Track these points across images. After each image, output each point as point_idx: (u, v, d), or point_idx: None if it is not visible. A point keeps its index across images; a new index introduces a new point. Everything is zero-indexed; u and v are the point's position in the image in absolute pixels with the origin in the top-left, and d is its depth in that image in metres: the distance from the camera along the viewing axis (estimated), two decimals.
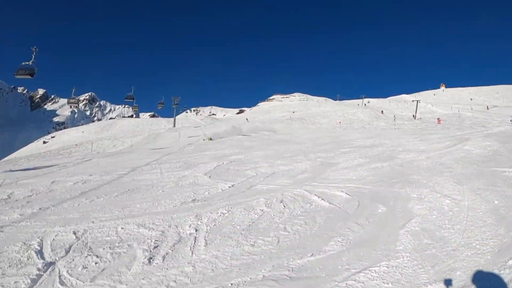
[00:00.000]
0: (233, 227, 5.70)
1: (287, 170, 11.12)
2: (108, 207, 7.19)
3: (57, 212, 6.94)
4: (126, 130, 64.19)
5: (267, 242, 5.04)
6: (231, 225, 5.80)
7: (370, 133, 30.38)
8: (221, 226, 5.79)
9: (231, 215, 6.34)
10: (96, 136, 60.51)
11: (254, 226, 5.72)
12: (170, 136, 42.87)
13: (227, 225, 5.80)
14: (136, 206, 7.16)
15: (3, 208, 7.42)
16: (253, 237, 5.23)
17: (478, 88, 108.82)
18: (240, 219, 6.09)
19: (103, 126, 74.37)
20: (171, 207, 7.03)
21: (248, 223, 5.89)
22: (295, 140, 26.77)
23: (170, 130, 52.39)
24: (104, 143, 41.06)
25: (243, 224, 5.85)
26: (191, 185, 9.27)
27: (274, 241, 5.05)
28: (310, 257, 4.47)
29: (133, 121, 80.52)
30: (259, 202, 7.11)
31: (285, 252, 4.68)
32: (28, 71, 21.03)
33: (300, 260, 4.41)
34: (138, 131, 59.15)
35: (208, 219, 6.14)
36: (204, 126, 57.04)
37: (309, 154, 15.03)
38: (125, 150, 29.08)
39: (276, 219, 6.02)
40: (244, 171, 11.37)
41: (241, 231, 5.52)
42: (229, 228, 5.66)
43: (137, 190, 8.88)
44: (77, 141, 53.29)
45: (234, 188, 8.63)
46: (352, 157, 13.08)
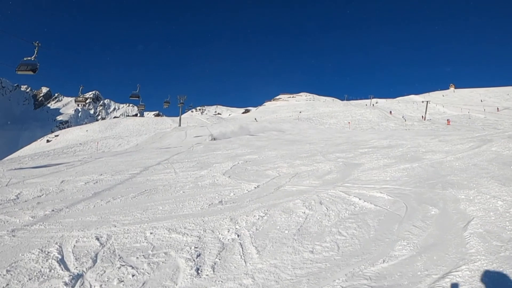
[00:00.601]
0: (280, 232, 5.27)
1: (310, 170, 10.73)
2: (127, 209, 6.72)
3: (72, 214, 6.44)
4: (131, 129, 63.87)
5: (326, 248, 4.64)
6: (277, 230, 5.36)
7: (382, 134, 30.08)
8: (265, 230, 5.35)
9: (270, 218, 5.92)
10: (101, 135, 60.21)
11: (304, 230, 5.30)
12: (176, 135, 42.42)
13: (272, 230, 5.36)
14: (159, 208, 6.69)
15: (12, 209, 6.93)
16: (308, 243, 4.81)
17: (488, 89, 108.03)
18: (284, 223, 5.67)
19: (108, 125, 74.01)
20: (199, 209, 6.58)
21: (295, 227, 5.46)
22: (306, 140, 26.50)
23: (176, 130, 51.92)
24: (109, 142, 40.62)
25: (290, 228, 5.42)
26: (212, 186, 8.88)
27: (333, 247, 4.65)
28: (383, 264, 4.10)
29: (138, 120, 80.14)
30: (296, 204, 6.72)
31: (352, 258, 4.29)
32: (30, 67, 20.06)
33: (373, 267, 4.03)
34: (143, 130, 58.85)
35: (247, 222, 5.70)
36: (210, 126, 56.49)
37: (327, 155, 14.66)
38: (132, 149, 28.70)
39: (325, 222, 5.61)
40: (264, 171, 11.01)
41: (292, 236, 5.09)
42: (276, 233, 5.22)
43: (154, 190, 8.43)
44: (81, 140, 52.99)
45: (260, 189, 8.25)
46: (375, 158, 12.69)
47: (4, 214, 6.54)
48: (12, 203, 7.49)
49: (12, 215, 6.46)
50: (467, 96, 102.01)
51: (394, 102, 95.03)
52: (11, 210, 6.86)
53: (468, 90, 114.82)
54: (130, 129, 65.56)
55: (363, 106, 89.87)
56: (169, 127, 62.74)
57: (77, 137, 61.06)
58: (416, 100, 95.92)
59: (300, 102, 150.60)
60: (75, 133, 66.68)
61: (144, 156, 18.30)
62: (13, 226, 5.71)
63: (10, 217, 6.28)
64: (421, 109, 70.86)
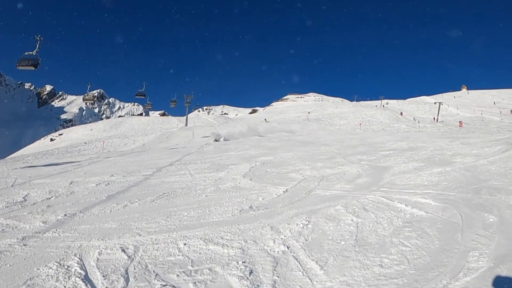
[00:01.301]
0: (335, 243, 4.73)
1: (336, 173, 10.24)
2: (148, 214, 6.18)
3: (87, 220, 5.91)
4: (136, 129, 63.68)
5: (395, 260, 4.14)
6: (330, 240, 4.82)
7: (397, 136, 29.51)
8: (317, 241, 4.81)
9: (316, 226, 5.39)
10: (105, 134, 60.04)
11: (362, 241, 4.78)
12: (183, 135, 42.08)
13: (325, 240, 4.82)
14: (183, 214, 6.16)
15: (21, 213, 6.41)
16: (373, 255, 4.29)
17: (501, 91, 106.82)
18: (334, 232, 5.14)
19: (112, 124, 73.91)
20: (229, 216, 6.04)
21: (350, 236, 4.94)
22: (318, 141, 26.08)
23: (182, 129, 51.61)
24: (115, 142, 40.31)
25: (345, 238, 4.89)
26: (236, 189, 8.38)
27: (402, 259, 4.16)
28: (465, 277, 3.69)
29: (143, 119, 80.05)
30: (339, 210, 6.21)
31: (427, 272, 3.83)
32: (31, 62, 19.06)
33: (457, 281, 3.61)
34: (148, 130, 58.62)
35: (291, 232, 5.15)
36: (218, 126, 56.11)
37: (348, 157, 14.20)
38: (138, 149, 28.39)
39: (381, 232, 5.10)
40: (287, 174, 10.54)
41: (352, 247, 4.55)
42: (332, 244, 4.69)
43: (173, 194, 7.91)
44: (85, 139, 52.80)
45: (290, 194, 7.74)
46: (401, 161, 12.23)
47: (12, 218, 6.03)
48: (19, 206, 6.99)
49: (21, 219, 5.95)
50: (479, 98, 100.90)
51: (405, 103, 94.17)
52: (19, 214, 6.35)
53: (480, 92, 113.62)
54: (135, 128, 65.39)
55: (373, 107, 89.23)
56: (175, 127, 62.51)
57: (81, 136, 60.96)
58: (428, 101, 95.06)
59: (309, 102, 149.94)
60: (80, 132, 66.60)
61: (153, 156, 17.87)
62: (23, 233, 5.19)
63: (19, 222, 5.77)
64: (433, 111, 70.18)
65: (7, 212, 6.51)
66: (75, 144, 44.06)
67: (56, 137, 66.53)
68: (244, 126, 50.06)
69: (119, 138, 43.64)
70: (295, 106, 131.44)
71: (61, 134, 68.45)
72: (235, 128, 47.77)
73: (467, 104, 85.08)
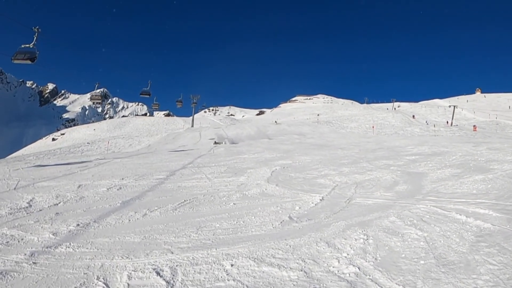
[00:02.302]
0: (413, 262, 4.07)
1: (369, 180, 9.70)
2: (173, 225, 5.54)
3: (104, 231, 5.26)
4: (141, 129, 63.36)
5: (489, 282, 3.57)
6: (404, 258, 4.17)
7: (414, 140, 29.11)
8: (389, 260, 4.16)
9: (379, 242, 4.75)
10: (109, 134, 59.72)
11: (442, 259, 4.12)
12: (190, 136, 41.55)
13: (398, 259, 4.17)
14: (214, 226, 5.51)
15: (27, 221, 5.79)
16: (465, 277, 3.67)
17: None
18: (403, 249, 4.50)
19: (116, 124, 73.74)
20: (270, 228, 5.40)
21: (425, 254, 4.29)
22: (333, 144, 25.76)
23: (189, 130, 51.10)
24: (119, 142, 39.77)
25: (419, 256, 4.24)
26: (264, 196, 7.76)
27: (496, 280, 3.59)
28: None
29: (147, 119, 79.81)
30: (394, 222, 5.59)
31: None
32: (28, 55, 17.83)
33: None
34: (153, 131, 58.16)
35: (353, 248, 4.51)
36: (225, 127, 55.53)
37: (373, 162, 13.72)
38: (144, 150, 27.81)
39: (456, 247, 4.48)
40: (313, 179, 9.96)
41: (436, 267, 3.90)
42: (409, 264, 4.02)
43: (196, 201, 7.28)
44: (88, 139, 52.45)
45: (328, 202, 7.15)
46: (433, 167, 11.71)
47: (17, 228, 5.40)
48: (24, 213, 6.38)
49: (27, 229, 5.32)
50: (494, 101, 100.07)
51: (417, 106, 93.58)
52: (25, 222, 5.73)
53: (495, 95, 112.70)
54: (139, 129, 65.09)
55: (384, 110, 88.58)
56: (181, 127, 62.08)
57: (84, 136, 60.70)
58: (441, 104, 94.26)
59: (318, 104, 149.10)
60: (82, 131, 66.41)
61: (163, 158, 17.32)
62: (31, 247, 4.55)
63: (25, 233, 5.13)
64: (446, 114, 69.59)
65: (11, 220, 5.89)
66: (77, 144, 43.62)
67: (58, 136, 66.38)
68: (252, 128, 49.46)
69: (124, 139, 43.14)
70: (303, 107, 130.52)
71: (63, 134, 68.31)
72: (244, 130, 47.17)
73: (482, 107, 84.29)
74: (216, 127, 58.40)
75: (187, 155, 19.31)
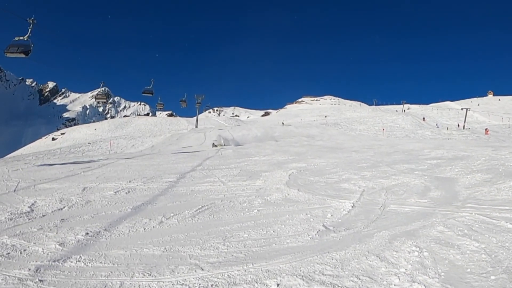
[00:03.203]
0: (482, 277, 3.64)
1: (396, 185, 9.19)
2: (196, 235, 5.05)
3: (118, 241, 4.77)
4: (143, 129, 63.02)
5: None
6: (471, 274, 3.74)
7: (429, 143, 28.65)
8: (455, 275, 3.72)
9: (436, 255, 4.27)
10: (110, 134, 59.46)
11: None
12: (195, 137, 41.10)
13: (464, 274, 3.74)
14: (243, 236, 5.03)
15: (29, 229, 5.31)
16: None
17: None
18: (467, 262, 4.05)
19: (118, 124, 73.48)
20: (307, 239, 4.90)
21: (491, 268, 3.86)
22: (344, 147, 25.44)
23: (193, 131, 50.65)
24: (121, 143, 39.39)
25: (487, 270, 3.81)
26: (289, 202, 7.28)
27: None
28: None
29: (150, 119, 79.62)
30: (444, 232, 5.12)
31: None
32: (22, 49, 16.84)
33: None
34: (156, 131, 57.76)
35: (410, 263, 4.03)
36: (230, 128, 55.03)
37: (393, 166, 13.20)
38: (147, 151, 27.40)
39: None
40: (336, 184, 9.47)
41: None
42: (480, 280, 3.60)
43: (214, 207, 6.80)
44: (89, 139, 52.23)
45: (361, 209, 6.67)
46: (459, 171, 11.21)
47: (18, 236, 4.92)
48: (26, 218, 5.91)
49: (31, 239, 4.84)
50: (507, 104, 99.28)
51: (428, 109, 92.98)
52: (27, 230, 5.25)
53: (508, 98, 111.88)
54: (142, 129, 64.79)
55: (393, 112, 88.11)
56: (184, 128, 61.72)
57: (85, 135, 60.51)
58: (452, 107, 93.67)
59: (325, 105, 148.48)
60: (83, 131, 66.22)
61: (169, 160, 16.86)
62: (36, 261, 4.05)
63: (28, 243, 4.65)
64: (458, 117, 69.14)
65: (12, 226, 5.42)
66: (78, 144, 43.34)
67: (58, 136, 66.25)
68: (259, 129, 48.92)
69: (126, 139, 42.75)
70: (310, 109, 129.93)
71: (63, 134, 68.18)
72: (250, 131, 46.64)
73: (494, 110, 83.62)
74: (220, 128, 57.92)
75: (194, 156, 18.86)
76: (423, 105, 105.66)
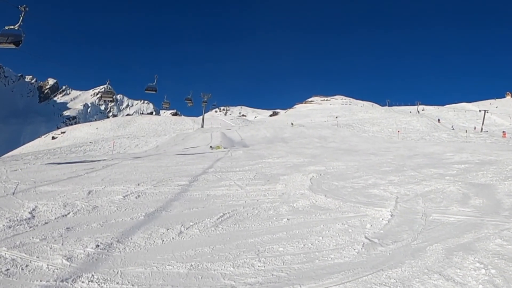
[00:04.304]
0: None
1: (430, 191, 8.80)
2: (224, 249, 4.61)
3: (135, 256, 4.28)
4: (147, 129, 62.81)
5: None
6: None
7: (449, 146, 28.27)
8: None
9: (506, 273, 3.91)
10: (112, 133, 59.32)
11: None
12: (201, 138, 40.61)
13: None
14: (278, 250, 4.57)
15: (30, 239, 4.84)
16: None
17: None
18: None
19: (120, 123, 73.43)
20: (355, 254, 4.47)
21: None
22: (360, 149, 25.04)
23: (199, 131, 50.21)
24: (124, 142, 39.04)
25: None
26: (319, 210, 6.84)
27: None
28: None
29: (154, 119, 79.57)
30: (504, 246, 4.80)
31: None
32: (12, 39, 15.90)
33: None
34: (160, 131, 57.50)
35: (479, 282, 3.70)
36: (238, 128, 54.59)
37: (420, 170, 12.80)
38: (152, 152, 26.98)
39: None
40: (365, 189, 9.06)
41: None
42: None
43: (237, 214, 6.35)
44: (91, 138, 52.07)
45: (401, 218, 6.27)
46: (495, 178, 10.87)
47: (19, 248, 4.45)
48: (27, 226, 5.45)
49: (33, 251, 4.36)
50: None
51: (443, 110, 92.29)
52: (29, 240, 4.78)
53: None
54: (145, 128, 64.59)
55: (407, 113, 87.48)
56: (189, 128, 61.37)
57: (86, 135, 60.40)
58: (469, 108, 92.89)
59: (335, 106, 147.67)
60: (84, 130, 66.14)
61: (178, 161, 16.39)
62: (40, 280, 3.56)
63: (30, 257, 4.18)
64: (475, 119, 68.49)
65: (11, 236, 4.95)
66: (79, 143, 43.09)
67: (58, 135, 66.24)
68: (268, 129, 48.48)
69: (129, 139, 42.44)
70: (320, 109, 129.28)
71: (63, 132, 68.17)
72: (259, 131, 46.23)
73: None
74: (228, 128, 57.49)
75: (204, 158, 18.40)
76: (439, 106, 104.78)
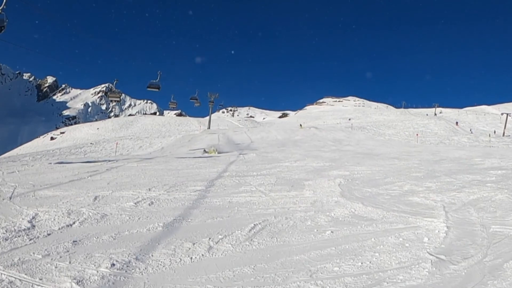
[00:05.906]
0: None
1: (478, 199, 8.34)
2: (268, 269, 4.06)
3: (160, 278, 3.69)
4: (150, 130, 62.48)
5: None
6: None
7: (475, 151, 27.82)
8: None
9: None
10: (114, 134, 58.97)
11: None
12: (208, 139, 40.12)
13: None
14: (333, 270, 4.07)
15: (31, 255, 4.25)
16: None
17: None
18: None
19: (122, 123, 73.15)
20: (426, 275, 3.99)
21: None
22: (380, 153, 24.75)
23: (205, 133, 49.74)
24: (127, 143, 38.64)
25: None
26: (362, 221, 6.36)
27: None
28: None
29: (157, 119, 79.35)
30: None
31: None
32: None
33: None
34: (165, 132, 57.11)
35: None
36: (247, 130, 54.00)
37: (455, 176, 12.36)
38: (158, 154, 26.54)
39: None
40: (403, 197, 8.59)
41: None
42: None
43: (270, 225, 5.80)
44: (91, 139, 51.77)
45: (459, 231, 5.79)
46: None
47: (18, 267, 3.85)
48: (26, 238, 4.87)
49: (35, 271, 3.77)
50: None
51: (462, 113, 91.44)
52: (30, 257, 4.18)
53: None
54: (148, 129, 64.28)
55: (424, 115, 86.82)
56: (195, 129, 60.92)
57: (86, 135, 60.18)
58: (489, 111, 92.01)
59: (348, 107, 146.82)
60: (84, 130, 65.91)
61: (189, 164, 15.84)
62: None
63: (32, 278, 3.58)
64: (497, 123, 67.58)
65: (8, 251, 4.37)
66: (79, 144, 42.80)
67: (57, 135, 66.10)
68: (279, 132, 47.91)
69: (132, 140, 42.03)
70: (332, 111, 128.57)
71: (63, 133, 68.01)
72: (269, 133, 45.70)
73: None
74: (235, 130, 56.94)
75: (215, 160, 17.85)
76: (457, 108, 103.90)
